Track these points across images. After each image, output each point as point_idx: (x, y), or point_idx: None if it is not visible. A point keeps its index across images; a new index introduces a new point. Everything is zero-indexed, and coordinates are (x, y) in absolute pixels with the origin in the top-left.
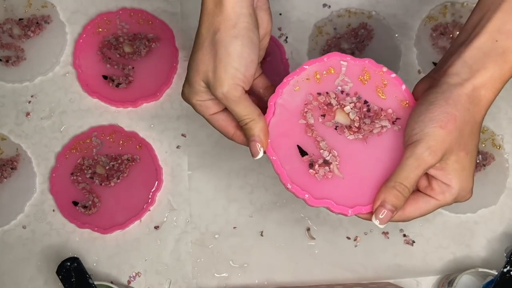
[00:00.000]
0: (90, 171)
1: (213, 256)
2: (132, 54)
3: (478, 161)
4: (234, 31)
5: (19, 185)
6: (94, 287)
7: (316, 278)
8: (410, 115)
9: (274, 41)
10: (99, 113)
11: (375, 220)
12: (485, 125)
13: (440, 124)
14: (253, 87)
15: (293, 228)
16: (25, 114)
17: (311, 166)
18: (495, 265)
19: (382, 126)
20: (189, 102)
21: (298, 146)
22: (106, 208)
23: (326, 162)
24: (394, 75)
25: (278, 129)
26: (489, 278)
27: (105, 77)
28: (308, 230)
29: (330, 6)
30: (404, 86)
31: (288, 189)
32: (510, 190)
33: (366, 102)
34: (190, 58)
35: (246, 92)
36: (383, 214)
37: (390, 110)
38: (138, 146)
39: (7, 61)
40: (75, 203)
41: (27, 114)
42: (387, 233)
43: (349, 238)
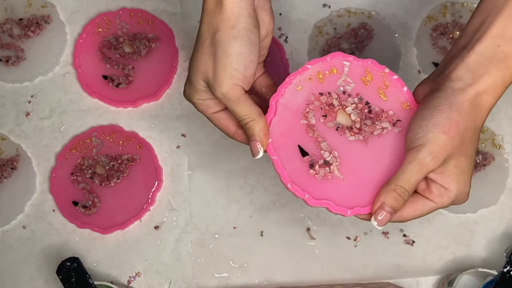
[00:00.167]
0: (90, 171)
1: (213, 256)
2: (132, 54)
3: (478, 161)
4: (233, 32)
5: (19, 185)
6: (94, 287)
7: (316, 278)
8: (412, 119)
9: (274, 41)
10: (99, 113)
11: (374, 221)
12: (485, 125)
13: (443, 129)
14: (255, 86)
15: (293, 228)
16: (25, 114)
17: (312, 166)
18: (495, 265)
19: (383, 128)
20: (190, 101)
21: (299, 146)
22: (106, 208)
23: (327, 163)
24: (396, 77)
25: (280, 128)
26: (489, 278)
27: (105, 77)
28: (308, 230)
29: (330, 6)
30: (405, 88)
31: (288, 189)
32: (510, 190)
33: (367, 103)
34: (191, 58)
35: (248, 91)
36: (382, 215)
37: (391, 112)
38: (138, 146)
39: (7, 61)
40: (75, 203)
41: (27, 114)
42: (387, 233)
43: (349, 238)
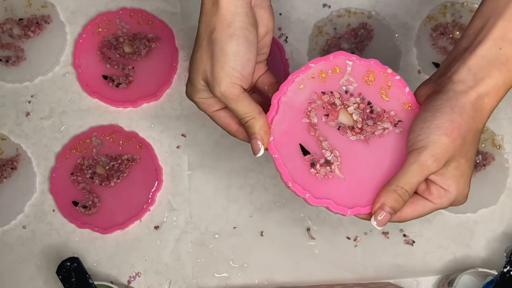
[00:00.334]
0: (90, 171)
1: (213, 256)
2: (132, 54)
3: (478, 161)
4: (229, 30)
5: (19, 185)
6: (94, 287)
7: (316, 278)
8: (414, 120)
9: (274, 41)
10: (99, 113)
11: (374, 221)
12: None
13: (445, 132)
14: (258, 84)
15: (293, 228)
16: (25, 114)
17: (313, 165)
18: (495, 265)
19: (384, 128)
20: (192, 100)
21: (300, 145)
22: (106, 208)
23: (328, 162)
24: (398, 77)
25: (281, 127)
26: (489, 278)
27: (105, 77)
28: (308, 230)
29: (330, 6)
30: (407, 89)
31: (289, 187)
32: (510, 190)
33: (369, 103)
34: (191, 57)
35: (250, 90)
36: (382, 216)
37: (392, 113)
38: (138, 146)
39: (7, 61)
40: (75, 203)
41: (27, 114)
42: (387, 233)
43: (349, 238)
